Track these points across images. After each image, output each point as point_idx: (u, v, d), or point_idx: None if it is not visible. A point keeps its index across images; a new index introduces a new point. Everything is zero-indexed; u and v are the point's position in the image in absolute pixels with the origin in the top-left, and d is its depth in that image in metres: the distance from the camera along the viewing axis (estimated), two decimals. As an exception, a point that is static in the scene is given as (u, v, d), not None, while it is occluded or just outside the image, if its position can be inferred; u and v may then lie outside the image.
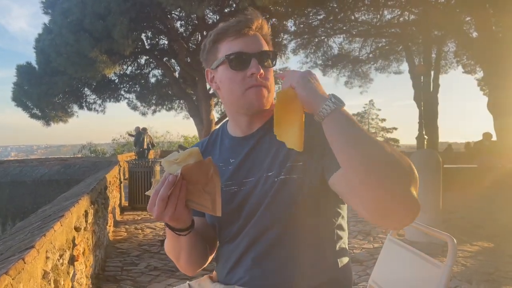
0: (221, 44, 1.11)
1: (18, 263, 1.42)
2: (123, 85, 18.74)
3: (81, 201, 3.11)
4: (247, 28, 1.09)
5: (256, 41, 1.11)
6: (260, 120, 1.18)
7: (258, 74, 1.07)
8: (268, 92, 1.11)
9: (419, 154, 5.59)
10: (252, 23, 1.10)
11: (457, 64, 19.01)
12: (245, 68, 1.08)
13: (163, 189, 0.91)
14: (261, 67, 1.08)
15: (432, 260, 1.34)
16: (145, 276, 3.98)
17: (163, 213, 0.94)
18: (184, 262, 1.18)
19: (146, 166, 8.00)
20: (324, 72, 20.30)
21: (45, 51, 13.61)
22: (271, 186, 1.06)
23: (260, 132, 1.17)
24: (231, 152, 1.20)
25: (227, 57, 1.09)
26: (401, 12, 15.66)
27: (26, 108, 16.00)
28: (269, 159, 1.10)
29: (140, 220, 6.89)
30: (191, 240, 1.10)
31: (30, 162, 12.48)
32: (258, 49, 1.09)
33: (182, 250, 1.14)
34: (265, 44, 1.13)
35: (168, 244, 1.18)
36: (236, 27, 1.09)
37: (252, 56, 1.08)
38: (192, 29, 16.47)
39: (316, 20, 15.64)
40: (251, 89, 1.08)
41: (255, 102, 1.10)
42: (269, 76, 1.12)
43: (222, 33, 1.11)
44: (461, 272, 4.07)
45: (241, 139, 1.20)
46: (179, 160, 0.93)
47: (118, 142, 27.69)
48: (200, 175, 0.93)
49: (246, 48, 1.09)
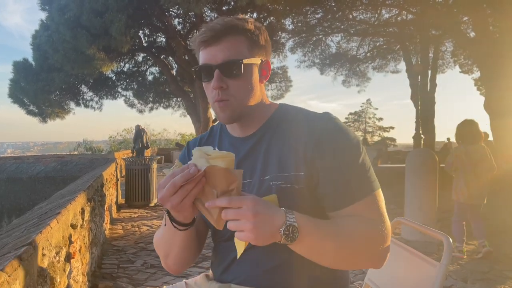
0: (198, 52, 1.12)
1: (14, 261, 1.42)
2: (120, 82, 18.68)
3: (77, 198, 3.10)
4: (210, 38, 1.06)
5: (220, 50, 1.06)
6: (257, 123, 1.17)
7: (217, 89, 1.06)
8: (235, 103, 1.09)
9: (416, 154, 5.61)
10: (214, 31, 1.05)
11: (454, 64, 19.05)
12: (210, 78, 1.08)
13: (179, 176, 0.88)
14: (226, 78, 1.06)
15: (428, 259, 1.34)
16: (142, 273, 3.98)
17: (168, 199, 0.92)
18: (173, 260, 1.18)
19: (143, 163, 7.99)
20: (321, 71, 20.29)
21: (42, 48, 13.54)
22: (267, 190, 1.06)
23: (258, 134, 1.16)
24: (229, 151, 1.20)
25: (194, 70, 1.11)
26: (399, 12, 15.66)
27: (23, 105, 15.92)
28: (266, 163, 1.10)
29: (136, 218, 6.89)
30: (187, 238, 1.10)
31: (27, 159, 12.44)
32: (222, 60, 1.05)
33: (174, 246, 1.13)
34: (233, 52, 1.06)
35: (161, 237, 1.17)
36: (200, 37, 1.07)
37: (215, 67, 1.06)
38: (190, 26, 16.42)
39: (314, 18, 15.61)
40: (216, 103, 1.09)
41: (219, 116, 1.12)
42: (235, 86, 1.08)
43: (194, 43, 1.11)
44: (457, 271, 4.09)
45: (240, 139, 1.20)
46: (211, 157, 0.89)
47: (115, 140, 27.66)
48: (222, 182, 0.89)
49: (210, 59, 1.07)
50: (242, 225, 0.87)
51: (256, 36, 1.10)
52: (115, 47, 12.36)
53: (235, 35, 1.07)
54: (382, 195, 1.08)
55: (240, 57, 1.06)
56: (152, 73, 19.24)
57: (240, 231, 0.88)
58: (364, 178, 1.05)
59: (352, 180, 1.04)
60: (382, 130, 53.51)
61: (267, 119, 1.17)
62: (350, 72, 20.96)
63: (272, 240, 0.90)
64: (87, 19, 11.83)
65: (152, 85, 19.17)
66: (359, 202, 1.03)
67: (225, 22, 1.06)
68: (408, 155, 5.62)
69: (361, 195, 1.03)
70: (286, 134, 1.12)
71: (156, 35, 16.75)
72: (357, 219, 1.01)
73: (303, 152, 1.05)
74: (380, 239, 1.01)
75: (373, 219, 1.02)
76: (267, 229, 0.88)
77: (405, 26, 15.92)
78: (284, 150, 1.09)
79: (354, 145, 1.07)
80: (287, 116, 1.16)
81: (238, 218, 0.87)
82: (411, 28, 15.93)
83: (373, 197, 1.04)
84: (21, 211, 9.21)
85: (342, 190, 1.03)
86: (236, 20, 1.08)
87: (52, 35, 12.71)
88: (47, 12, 13.91)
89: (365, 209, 1.03)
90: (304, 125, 1.10)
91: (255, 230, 0.86)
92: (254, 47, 1.10)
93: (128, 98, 19.74)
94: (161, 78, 18.92)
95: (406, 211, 5.29)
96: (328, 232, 0.96)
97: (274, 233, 0.89)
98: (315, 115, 1.13)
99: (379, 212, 1.04)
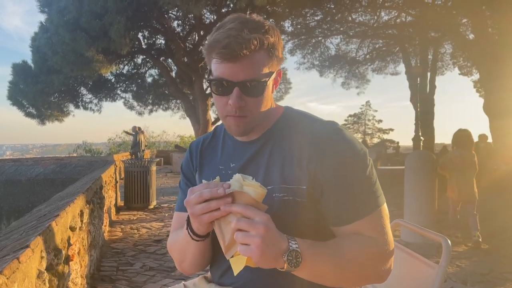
0: (212, 58, 1.03)
1: (12, 263, 1.42)
2: (120, 85, 18.70)
3: (76, 200, 3.10)
4: (231, 56, 0.97)
5: (242, 69, 0.99)
6: (261, 128, 1.14)
7: (235, 108, 1.02)
8: (251, 119, 1.06)
9: (415, 155, 5.61)
10: (241, 49, 0.96)
11: (454, 66, 19.11)
12: (227, 94, 1.02)
13: (208, 190, 0.90)
14: (245, 96, 1.01)
15: (427, 261, 1.34)
16: (141, 276, 3.97)
17: (192, 206, 0.92)
18: (188, 265, 1.17)
19: (142, 166, 7.98)
20: (321, 73, 20.35)
21: (41, 50, 13.56)
22: (269, 203, 1.01)
23: (262, 140, 1.14)
24: (233, 155, 1.18)
25: (209, 81, 1.05)
26: (398, 14, 15.69)
27: (22, 107, 15.93)
28: (268, 171, 1.08)
29: (135, 220, 6.88)
30: (202, 246, 1.09)
31: (26, 161, 12.42)
32: (243, 78, 0.99)
33: (189, 254, 1.13)
34: (255, 71, 1.00)
35: (175, 242, 1.17)
36: (222, 51, 0.98)
37: (235, 85, 1.00)
38: (189, 28, 16.44)
39: (313, 20, 15.64)
40: (229, 117, 1.06)
41: (232, 130, 1.09)
42: (254, 103, 1.04)
43: (210, 49, 1.02)
44: (456, 273, 4.09)
45: (244, 144, 1.17)
46: (245, 184, 0.90)
47: (114, 142, 27.63)
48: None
49: (230, 75, 1.00)
50: (250, 238, 0.85)
51: (276, 50, 1.05)
52: (114, 49, 12.37)
53: (259, 50, 1.00)
54: (387, 210, 1.06)
55: (261, 76, 1.01)
56: (151, 75, 19.29)
57: (246, 244, 0.86)
58: (369, 193, 1.03)
59: (356, 196, 1.02)
60: (382, 132, 53.58)
61: (271, 125, 1.15)
62: (349, 74, 21.02)
63: (274, 265, 0.89)
64: (86, 21, 11.85)
65: (152, 87, 19.19)
66: (362, 219, 1.01)
67: (247, 38, 0.97)
68: (407, 157, 5.63)
69: (366, 212, 1.01)
70: (289, 143, 1.08)
71: (155, 37, 16.77)
72: (360, 239, 1.00)
73: (306, 165, 1.03)
74: (383, 258, 1.01)
75: (376, 239, 1.01)
76: (273, 250, 0.87)
77: (404, 28, 15.96)
78: (287, 160, 1.07)
79: (360, 157, 1.04)
80: (291, 123, 1.13)
81: (249, 229, 0.85)
82: (410, 30, 15.96)
83: (378, 214, 1.03)
84: (20, 214, 9.20)
85: (346, 206, 1.02)
86: (258, 32, 1.00)
87: (51, 37, 12.73)
88: (47, 14, 13.93)
89: (369, 226, 1.01)
90: (307, 135, 1.07)
91: (263, 247, 0.85)
92: (273, 61, 1.05)
93: (128, 100, 19.79)
94: (160, 80, 18.94)
95: (406, 213, 5.29)
96: (330, 257, 0.95)
97: (278, 257, 0.88)
98: (319, 124, 1.10)
99: (383, 230, 1.02)
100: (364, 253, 0.99)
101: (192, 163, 1.28)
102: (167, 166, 19.67)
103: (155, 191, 8.28)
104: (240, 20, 1.02)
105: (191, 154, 1.29)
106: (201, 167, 1.24)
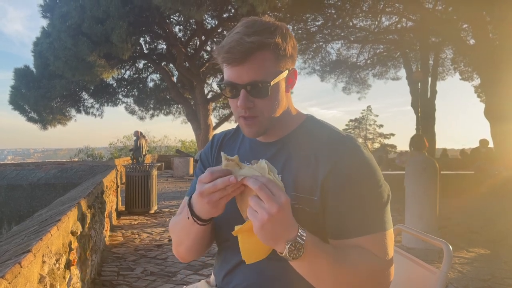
0: (221, 64, 1.07)
1: (14, 267, 1.42)
2: (121, 89, 18.77)
3: (77, 205, 3.10)
4: (233, 60, 1.00)
5: (246, 71, 1.01)
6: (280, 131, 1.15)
7: (243, 108, 1.05)
8: (262, 120, 1.07)
9: (417, 160, 5.60)
10: (238, 53, 0.99)
11: (455, 71, 19.15)
12: (236, 96, 1.05)
13: (221, 180, 0.89)
14: (253, 97, 1.03)
15: (428, 267, 1.34)
16: (142, 281, 3.97)
17: (208, 196, 0.92)
18: (184, 249, 1.17)
19: (143, 170, 7.98)
20: (322, 78, 20.41)
21: (43, 55, 13.61)
22: None
23: (279, 144, 1.15)
24: (249, 155, 1.19)
25: (219, 85, 1.08)
26: (399, 19, 15.75)
27: (23, 112, 15.96)
28: (282, 177, 1.07)
29: (136, 225, 6.87)
30: (203, 231, 1.09)
31: (27, 166, 12.42)
32: (248, 80, 1.01)
33: (189, 238, 1.12)
34: (260, 72, 1.01)
35: (178, 224, 1.16)
36: (225, 55, 1.01)
37: (241, 87, 1.03)
38: (191, 34, 16.52)
39: (314, 26, 15.71)
40: (241, 118, 1.08)
41: (245, 131, 1.11)
42: (263, 104, 1.05)
43: (217, 54, 1.05)
44: (458, 278, 4.08)
45: (261, 144, 1.19)
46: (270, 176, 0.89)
47: (115, 146, 27.68)
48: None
49: (235, 78, 1.02)
50: (260, 209, 0.85)
51: (284, 49, 1.04)
52: (116, 54, 12.43)
53: (262, 51, 1.01)
54: (393, 236, 1.05)
55: (267, 77, 1.02)
56: (152, 80, 19.38)
57: (255, 212, 0.86)
58: (378, 212, 1.02)
59: (365, 211, 1.01)
60: (383, 137, 53.54)
61: (291, 130, 1.16)
62: (350, 79, 21.06)
63: (272, 245, 0.89)
64: (88, 27, 11.91)
65: (153, 92, 19.25)
66: (367, 236, 0.99)
67: (250, 41, 0.99)
68: (408, 162, 5.62)
69: (371, 230, 1.00)
70: (306, 153, 1.09)
71: (157, 42, 16.85)
72: (363, 251, 0.99)
73: (320, 177, 1.03)
74: (382, 276, 0.99)
75: (379, 257, 0.99)
76: (276, 232, 0.86)
77: (405, 33, 16.02)
78: (301, 169, 1.07)
79: (374, 175, 1.03)
80: (310, 133, 1.13)
81: (265, 201, 0.85)
82: (411, 35, 16.02)
83: (383, 235, 1.01)
84: (21, 218, 9.20)
85: (352, 219, 1.01)
86: (262, 35, 1.01)
87: (53, 42, 12.79)
88: (49, 19, 14.01)
89: (373, 245, 1.00)
90: (325, 148, 1.07)
91: (267, 223, 0.84)
92: (281, 60, 1.05)
93: (129, 105, 19.85)
94: (161, 85, 19.00)
95: (407, 218, 5.28)
96: (332, 259, 0.94)
97: (280, 241, 0.87)
98: (338, 138, 1.09)
99: (386, 252, 1.00)
100: (365, 263, 0.97)
101: (211, 153, 1.31)
102: (168, 171, 19.67)
103: (156, 195, 8.27)
104: (247, 24, 1.04)
105: (212, 144, 1.32)
106: (218, 159, 1.26)
